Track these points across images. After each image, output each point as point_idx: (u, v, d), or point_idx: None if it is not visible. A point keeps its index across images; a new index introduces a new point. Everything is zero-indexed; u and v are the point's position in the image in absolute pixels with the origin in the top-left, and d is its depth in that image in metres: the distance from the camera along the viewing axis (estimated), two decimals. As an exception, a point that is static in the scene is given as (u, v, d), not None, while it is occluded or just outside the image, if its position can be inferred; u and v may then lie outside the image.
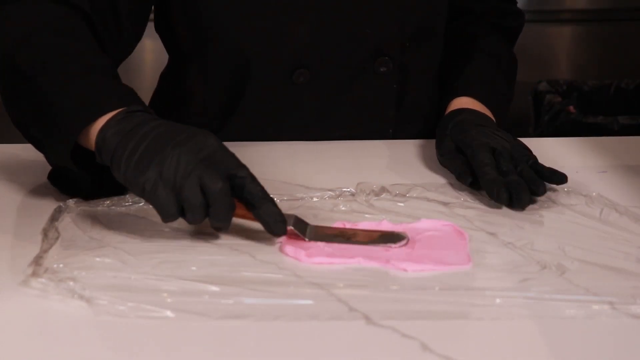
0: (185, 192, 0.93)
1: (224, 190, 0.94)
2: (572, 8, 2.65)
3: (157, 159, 0.94)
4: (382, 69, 1.30)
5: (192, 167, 0.94)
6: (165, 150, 0.95)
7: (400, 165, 1.22)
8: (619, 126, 2.23)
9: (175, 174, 0.94)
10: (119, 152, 0.97)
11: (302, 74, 1.27)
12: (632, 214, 1.05)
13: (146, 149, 0.95)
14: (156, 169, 0.94)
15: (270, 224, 0.95)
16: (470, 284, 0.89)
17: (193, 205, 0.93)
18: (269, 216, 0.95)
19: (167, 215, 0.94)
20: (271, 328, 0.81)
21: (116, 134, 0.98)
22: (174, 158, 0.94)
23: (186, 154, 0.95)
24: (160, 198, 0.94)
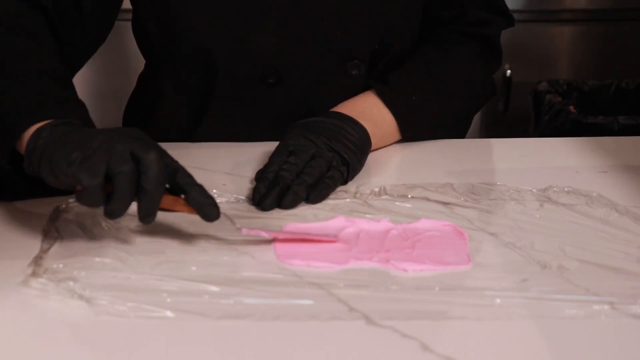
0: (114, 158, 0.89)
1: (158, 158, 0.90)
2: (572, 8, 2.65)
3: (85, 142, 0.91)
4: (354, 72, 1.29)
5: (124, 141, 0.91)
6: (94, 136, 0.92)
7: (400, 165, 1.22)
8: (619, 126, 2.23)
9: (104, 145, 0.90)
10: (49, 150, 0.93)
11: (272, 76, 1.27)
12: (632, 214, 1.05)
13: (76, 139, 0.93)
14: (84, 147, 0.91)
15: (203, 206, 0.94)
16: (470, 284, 0.89)
17: (123, 172, 0.89)
18: (201, 199, 0.94)
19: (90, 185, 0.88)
20: (271, 328, 0.81)
21: (48, 136, 0.95)
22: (103, 137, 0.91)
23: (117, 134, 0.92)
24: (85, 168, 0.89)
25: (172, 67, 1.31)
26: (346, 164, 1.13)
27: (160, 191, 0.91)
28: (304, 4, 1.25)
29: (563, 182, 1.13)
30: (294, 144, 1.13)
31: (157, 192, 0.91)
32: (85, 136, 0.93)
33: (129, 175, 0.89)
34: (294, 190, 1.06)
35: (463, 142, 1.31)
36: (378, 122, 1.24)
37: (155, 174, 0.90)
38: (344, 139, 1.15)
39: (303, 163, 1.10)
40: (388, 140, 1.27)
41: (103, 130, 0.95)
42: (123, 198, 0.90)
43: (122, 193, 0.90)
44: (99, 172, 0.89)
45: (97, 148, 0.90)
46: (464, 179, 1.15)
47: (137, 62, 1.35)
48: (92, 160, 0.89)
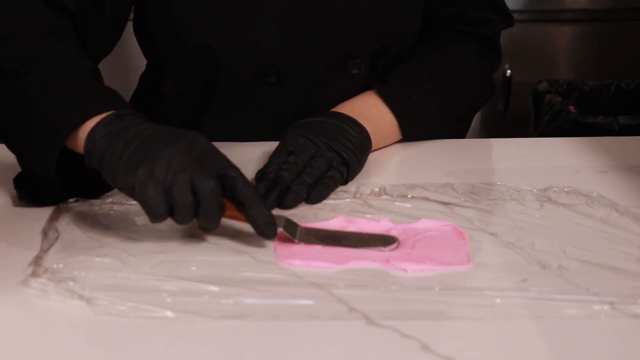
0: (176, 191, 0.92)
1: (215, 190, 0.93)
2: (572, 8, 2.65)
3: (148, 158, 0.93)
4: (354, 71, 1.29)
5: (183, 166, 0.93)
6: (156, 149, 0.94)
7: (400, 165, 1.22)
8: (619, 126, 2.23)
9: (166, 172, 0.93)
10: (109, 154, 0.96)
11: (272, 74, 1.27)
12: (632, 214, 1.05)
13: (136, 148, 0.95)
14: (146, 168, 0.93)
15: (261, 225, 0.95)
16: (470, 284, 0.89)
17: (183, 205, 0.92)
18: (260, 218, 0.95)
19: (155, 215, 0.93)
20: (271, 328, 0.81)
21: (106, 136, 0.97)
22: (165, 157, 0.93)
23: (177, 152, 0.94)
24: (150, 197, 0.92)
25: (173, 67, 1.32)
26: (346, 164, 1.13)
27: (218, 219, 0.94)
28: (304, 3, 1.25)
29: (563, 182, 1.13)
30: (294, 143, 1.13)
31: (215, 221, 0.94)
32: (144, 147, 0.94)
33: (190, 209, 0.93)
34: (294, 190, 1.06)
35: (463, 142, 1.31)
36: (378, 122, 1.24)
37: (211, 208, 0.93)
38: (344, 139, 1.15)
39: (303, 163, 1.10)
40: (388, 140, 1.27)
41: (163, 140, 0.95)
42: (185, 221, 0.94)
43: (184, 219, 0.94)
44: (161, 212, 0.93)
45: (158, 170, 0.92)
46: (464, 179, 1.15)
47: (136, 62, 1.36)
48: (153, 198, 0.92)
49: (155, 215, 0.93)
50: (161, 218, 0.93)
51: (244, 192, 0.95)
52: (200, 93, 1.31)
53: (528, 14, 2.57)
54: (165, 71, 1.33)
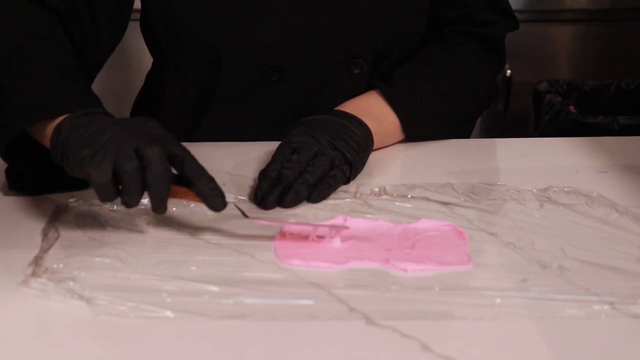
0: (120, 157, 0.92)
1: (161, 153, 0.93)
2: (572, 8, 2.65)
3: (98, 138, 0.94)
4: (356, 71, 1.29)
5: (128, 136, 0.93)
6: (105, 130, 0.95)
7: (400, 165, 1.22)
8: (619, 126, 2.23)
9: (111, 142, 0.93)
10: (68, 146, 0.96)
11: (274, 74, 1.27)
12: (632, 214, 1.05)
13: (91, 133, 0.95)
14: (94, 143, 0.94)
15: (209, 198, 0.95)
16: (470, 284, 0.89)
17: (128, 171, 0.92)
18: (208, 190, 0.95)
19: (100, 184, 0.92)
20: (271, 328, 0.81)
21: (69, 130, 0.98)
22: (111, 131, 0.94)
23: (124, 127, 0.95)
24: (94, 166, 0.92)
25: (177, 65, 1.32)
26: (349, 164, 1.13)
27: (165, 185, 0.93)
28: (307, 2, 1.25)
29: (563, 182, 1.13)
30: (298, 141, 1.13)
31: (161, 187, 0.93)
32: (97, 129, 0.96)
33: (134, 173, 0.92)
34: (295, 190, 1.06)
35: (463, 142, 1.31)
36: (382, 121, 1.24)
37: (157, 171, 0.92)
38: (348, 138, 1.15)
39: (306, 161, 1.10)
40: (390, 140, 1.27)
41: (114, 123, 0.97)
42: (132, 192, 0.93)
43: (130, 188, 0.93)
44: (106, 172, 0.92)
45: (104, 145, 0.93)
46: (464, 179, 1.15)
47: (137, 61, 1.36)
48: (99, 159, 0.92)
49: (100, 185, 0.92)
50: (106, 188, 0.92)
51: (191, 168, 0.95)
52: (202, 91, 1.31)
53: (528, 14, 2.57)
54: (169, 70, 1.33)
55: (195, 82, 1.31)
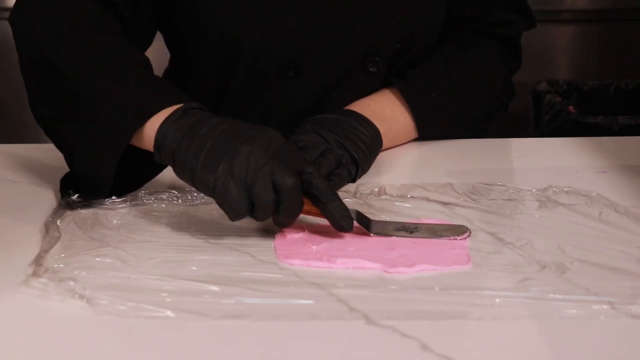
0: (258, 188, 0.93)
1: (296, 186, 0.94)
2: (572, 8, 2.65)
3: (227, 156, 0.94)
4: (372, 69, 1.29)
5: (263, 163, 0.94)
6: (234, 147, 0.95)
7: (400, 165, 1.22)
8: (619, 126, 2.23)
9: (247, 170, 0.94)
10: (182, 151, 0.96)
11: (291, 69, 1.27)
12: (632, 214, 1.05)
13: (213, 146, 0.95)
14: (226, 166, 0.94)
15: (338, 219, 0.96)
16: (470, 284, 0.89)
17: (264, 202, 0.94)
18: (337, 212, 0.96)
19: (237, 213, 0.94)
20: (271, 328, 0.81)
21: (177, 132, 0.97)
22: (245, 154, 0.94)
23: (256, 150, 0.95)
24: (232, 196, 0.93)
25: (196, 60, 1.32)
26: (355, 163, 1.13)
27: (296, 216, 0.96)
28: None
29: (563, 182, 1.13)
30: (305, 139, 1.14)
31: (293, 218, 0.96)
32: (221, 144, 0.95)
33: (271, 206, 0.94)
34: None
35: (463, 142, 1.31)
36: (392, 122, 1.24)
37: (292, 205, 0.95)
38: (355, 138, 1.16)
39: (312, 159, 1.10)
40: (399, 141, 1.27)
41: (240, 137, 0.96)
42: (264, 218, 0.96)
43: (264, 216, 0.95)
44: (242, 210, 0.94)
45: (236, 171, 0.93)
46: (464, 179, 1.15)
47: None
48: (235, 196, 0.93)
49: (237, 214, 0.94)
50: (242, 216, 0.95)
51: (320, 187, 0.97)
52: (219, 86, 1.31)
53: (528, 14, 2.56)
54: (187, 65, 1.34)
55: (212, 77, 1.31)
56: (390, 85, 1.28)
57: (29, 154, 1.14)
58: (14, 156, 1.21)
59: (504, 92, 1.38)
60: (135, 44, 1.20)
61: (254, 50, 1.27)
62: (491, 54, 1.35)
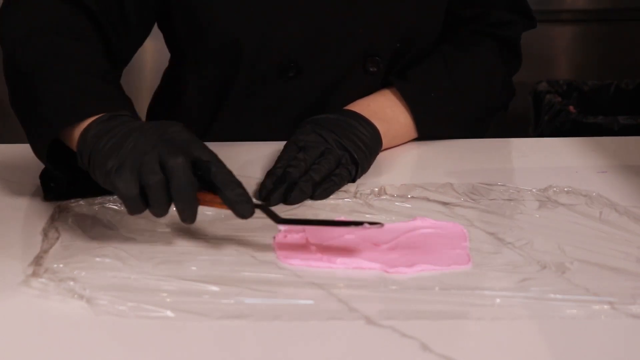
0: (143, 170, 0.91)
1: (184, 165, 0.91)
2: (572, 8, 2.65)
3: (123, 147, 0.94)
4: (372, 69, 1.29)
5: (151, 147, 0.92)
6: (128, 138, 0.94)
7: (400, 165, 1.22)
8: (619, 126, 2.23)
9: (135, 156, 0.92)
10: (95, 152, 0.96)
11: (291, 69, 1.27)
12: (632, 214, 1.05)
13: (115, 141, 0.95)
14: (119, 154, 0.93)
15: (236, 205, 0.93)
16: (470, 284, 0.89)
17: (152, 184, 0.91)
18: (235, 197, 0.93)
19: (126, 198, 0.92)
20: (271, 328, 0.81)
21: (95, 135, 0.97)
22: (134, 140, 0.94)
23: (148, 134, 0.94)
24: (121, 181, 0.91)
25: (196, 61, 1.32)
26: (355, 163, 1.13)
27: (189, 197, 0.92)
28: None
29: (563, 182, 1.13)
30: (305, 139, 1.14)
31: (186, 198, 0.92)
32: (120, 137, 0.95)
33: (158, 186, 0.91)
34: (300, 187, 1.06)
35: (463, 142, 1.31)
36: (391, 122, 1.24)
37: (180, 183, 0.91)
38: (355, 138, 1.16)
39: (312, 159, 1.11)
40: (400, 141, 1.27)
41: (138, 129, 0.96)
42: (158, 204, 0.92)
43: (157, 201, 0.92)
44: (132, 187, 0.91)
45: (128, 155, 0.92)
46: (464, 179, 1.15)
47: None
48: (124, 173, 0.92)
49: (126, 198, 0.92)
50: (135, 203, 0.92)
51: (218, 174, 0.93)
52: (219, 87, 1.31)
53: (528, 14, 2.56)
54: (187, 66, 1.34)
55: (212, 78, 1.31)
56: (390, 85, 1.29)
57: (29, 154, 1.14)
58: (14, 156, 1.21)
59: (504, 92, 1.38)
60: (120, 48, 1.21)
61: (253, 50, 1.27)
62: (491, 54, 1.35)
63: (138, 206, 0.93)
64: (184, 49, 1.34)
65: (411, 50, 1.31)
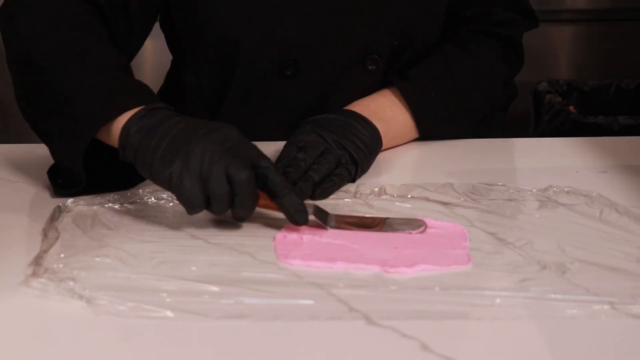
0: (212, 182, 0.95)
1: (250, 179, 0.96)
2: (572, 8, 2.65)
3: (183, 151, 0.96)
4: (371, 67, 1.29)
5: (217, 157, 0.96)
6: (190, 142, 0.97)
7: (400, 165, 1.22)
8: (619, 126, 2.23)
9: (202, 164, 0.95)
10: (143, 148, 0.98)
11: (290, 68, 1.28)
12: (632, 214, 1.05)
13: (171, 142, 0.97)
14: (182, 160, 0.96)
15: (292, 213, 0.98)
16: (470, 284, 0.89)
17: (219, 195, 0.95)
18: (292, 206, 0.98)
19: (193, 206, 0.96)
20: (271, 328, 0.81)
21: (139, 131, 1.00)
22: (199, 149, 0.96)
23: (211, 144, 0.97)
24: (187, 189, 0.95)
25: (196, 60, 1.32)
26: (355, 163, 1.13)
27: (251, 209, 0.98)
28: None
29: (563, 182, 1.13)
30: (304, 139, 1.14)
31: (249, 209, 0.98)
32: (173, 137, 0.98)
33: (225, 199, 0.96)
34: (299, 187, 1.07)
35: (463, 142, 1.31)
36: (391, 122, 1.24)
37: (246, 197, 0.96)
38: (355, 138, 1.16)
39: (312, 159, 1.11)
40: (400, 141, 1.27)
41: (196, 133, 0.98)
42: (221, 211, 0.97)
43: (220, 209, 0.97)
44: (198, 202, 0.96)
45: (192, 164, 0.95)
46: (464, 179, 1.15)
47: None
48: (190, 189, 0.95)
49: (193, 206, 0.96)
50: (198, 209, 0.96)
51: (275, 181, 0.98)
52: (219, 86, 1.31)
53: (528, 14, 2.56)
54: (187, 65, 1.34)
55: (212, 77, 1.32)
56: (390, 85, 1.28)
57: (29, 154, 1.14)
58: (14, 156, 1.21)
59: (505, 92, 1.37)
60: (124, 43, 1.21)
61: (252, 49, 1.27)
62: (492, 54, 1.35)
63: (200, 210, 0.97)
64: (184, 49, 1.34)
65: (411, 48, 1.31)
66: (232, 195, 0.96)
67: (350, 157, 1.14)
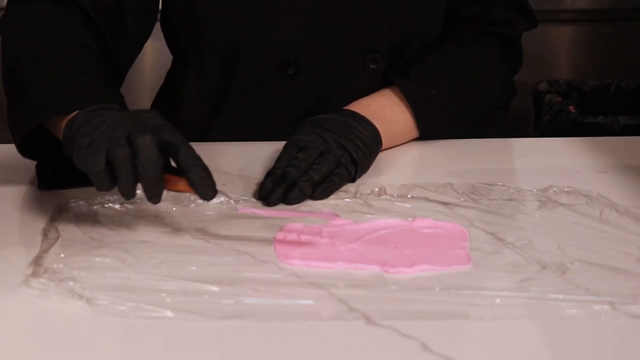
0: (111, 144, 0.93)
1: (150, 140, 0.92)
2: (572, 8, 2.65)
3: (98, 126, 0.95)
4: (372, 66, 1.30)
5: (121, 125, 0.94)
6: (107, 120, 0.96)
7: (400, 165, 1.22)
8: (619, 126, 2.23)
9: (107, 131, 0.94)
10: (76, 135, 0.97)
11: (291, 67, 1.28)
12: (632, 214, 1.05)
13: (93, 125, 0.96)
14: (92, 133, 0.95)
15: (199, 186, 0.94)
16: (470, 284, 0.89)
17: (117, 155, 0.92)
18: (199, 179, 0.94)
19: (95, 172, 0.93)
20: (271, 328, 0.81)
21: (80, 123, 0.98)
22: (110, 121, 0.95)
23: (122, 117, 0.96)
24: (88, 155, 0.93)
25: (196, 60, 1.33)
26: (355, 163, 1.13)
27: (154, 172, 0.93)
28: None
29: (563, 182, 1.13)
30: (304, 139, 1.14)
31: (151, 173, 0.93)
32: (99, 122, 0.97)
33: (125, 159, 0.93)
34: (299, 187, 1.07)
35: (463, 142, 1.31)
36: (391, 122, 1.24)
37: (146, 157, 0.92)
38: (355, 138, 1.16)
39: (312, 159, 1.11)
40: (400, 141, 1.27)
41: (115, 115, 0.98)
42: (126, 181, 0.94)
43: (123, 177, 0.93)
44: (99, 160, 0.93)
45: (100, 134, 0.94)
46: (464, 179, 1.15)
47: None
48: (93, 148, 0.94)
49: (94, 172, 0.93)
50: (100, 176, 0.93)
51: (185, 157, 0.95)
52: (219, 86, 1.31)
53: (528, 14, 2.56)
54: (188, 65, 1.34)
55: (213, 77, 1.32)
56: (390, 84, 1.29)
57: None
58: (13, 156, 1.20)
59: (505, 91, 1.38)
60: (116, 47, 1.21)
61: (253, 49, 1.27)
62: (491, 53, 1.35)
63: (105, 181, 0.94)
64: (185, 48, 1.34)
65: (411, 46, 1.31)
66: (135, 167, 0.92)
67: (350, 157, 1.14)
